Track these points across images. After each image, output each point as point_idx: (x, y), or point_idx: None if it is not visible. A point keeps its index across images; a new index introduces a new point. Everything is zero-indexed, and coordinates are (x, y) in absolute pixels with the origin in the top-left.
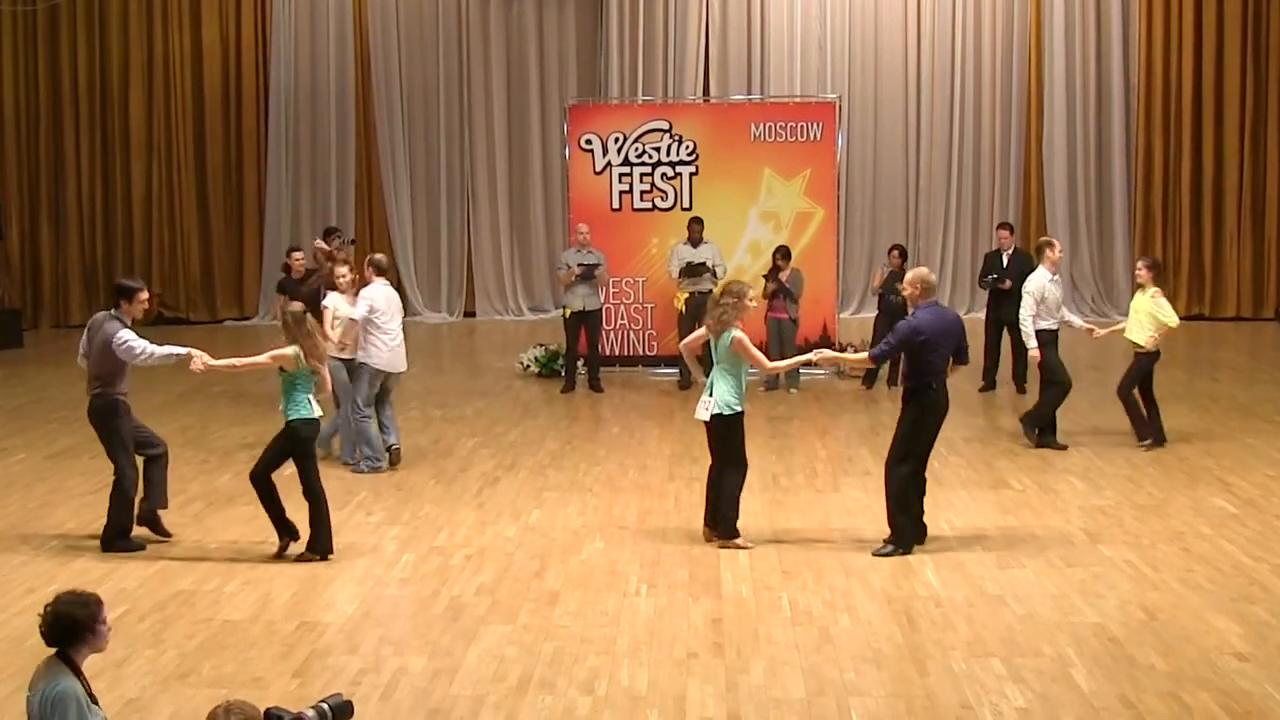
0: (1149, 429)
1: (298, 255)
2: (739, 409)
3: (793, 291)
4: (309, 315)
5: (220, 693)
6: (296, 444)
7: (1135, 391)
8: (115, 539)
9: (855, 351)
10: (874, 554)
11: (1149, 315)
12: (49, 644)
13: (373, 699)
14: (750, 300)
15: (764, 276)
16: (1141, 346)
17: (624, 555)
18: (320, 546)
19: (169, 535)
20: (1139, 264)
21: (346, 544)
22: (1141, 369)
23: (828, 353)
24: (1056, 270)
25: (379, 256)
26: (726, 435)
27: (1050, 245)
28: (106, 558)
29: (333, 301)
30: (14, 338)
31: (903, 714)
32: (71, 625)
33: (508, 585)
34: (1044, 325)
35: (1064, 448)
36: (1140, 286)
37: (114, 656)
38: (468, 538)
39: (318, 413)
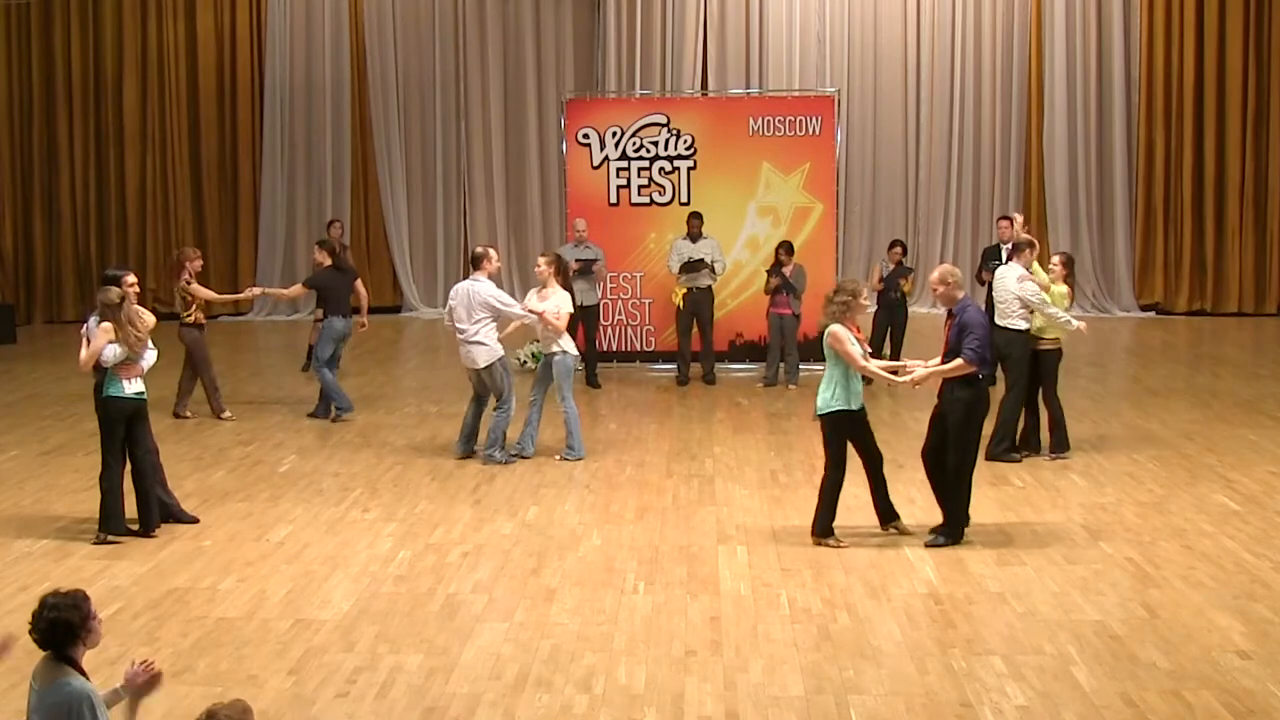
0: (1065, 437)
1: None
2: (836, 407)
3: (796, 287)
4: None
5: (215, 691)
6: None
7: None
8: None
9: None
10: (927, 545)
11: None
12: (45, 648)
13: (368, 697)
14: (863, 300)
15: (767, 272)
16: (1044, 341)
17: (621, 552)
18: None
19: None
20: (1054, 258)
21: (342, 541)
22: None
23: (921, 372)
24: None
25: (476, 249)
26: (826, 434)
27: (1032, 246)
28: (100, 555)
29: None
30: (7, 333)
31: (902, 712)
32: (67, 628)
33: (504, 582)
34: (1018, 325)
35: (1020, 459)
36: (1055, 280)
37: (107, 654)
38: (464, 535)
39: (122, 391)
